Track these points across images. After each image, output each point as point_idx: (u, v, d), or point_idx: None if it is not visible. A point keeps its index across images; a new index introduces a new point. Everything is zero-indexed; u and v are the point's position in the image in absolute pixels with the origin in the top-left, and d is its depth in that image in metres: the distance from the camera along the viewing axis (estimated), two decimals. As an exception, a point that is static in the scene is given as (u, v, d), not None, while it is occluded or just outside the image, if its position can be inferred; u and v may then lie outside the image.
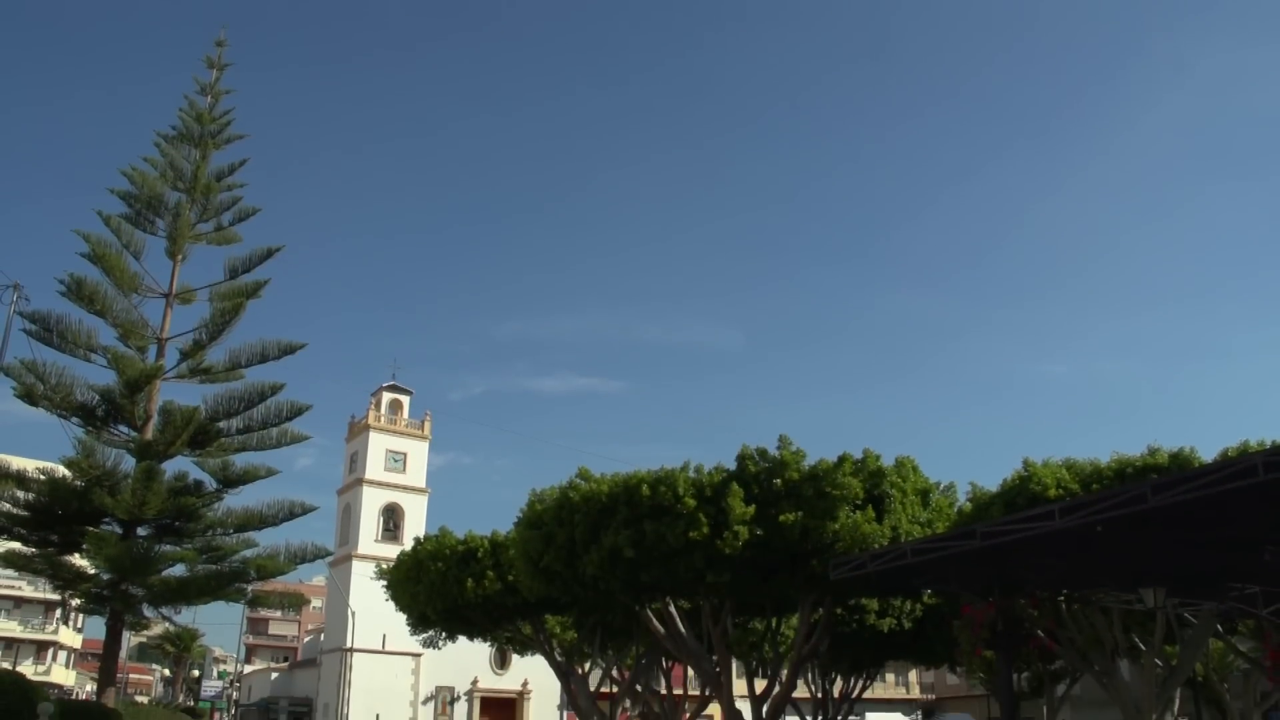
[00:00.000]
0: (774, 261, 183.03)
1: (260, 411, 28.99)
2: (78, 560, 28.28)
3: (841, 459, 18.02)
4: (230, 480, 28.58)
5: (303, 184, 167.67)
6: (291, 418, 29.35)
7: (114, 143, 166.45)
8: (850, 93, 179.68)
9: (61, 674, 68.38)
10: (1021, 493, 17.21)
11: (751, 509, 17.45)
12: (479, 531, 25.42)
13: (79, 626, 71.66)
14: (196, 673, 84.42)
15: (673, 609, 21.46)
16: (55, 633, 67.19)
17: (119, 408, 27.56)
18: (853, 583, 16.84)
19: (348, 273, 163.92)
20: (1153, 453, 17.12)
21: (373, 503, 53.83)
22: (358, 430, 56.34)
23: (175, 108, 31.88)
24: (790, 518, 17.22)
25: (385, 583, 28.83)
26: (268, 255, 30.51)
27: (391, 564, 28.71)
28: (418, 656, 49.04)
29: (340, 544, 53.55)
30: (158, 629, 67.29)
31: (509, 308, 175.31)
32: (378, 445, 55.08)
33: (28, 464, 28.89)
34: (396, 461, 55.55)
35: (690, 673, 29.17)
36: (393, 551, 35.90)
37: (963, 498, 20.09)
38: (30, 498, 26.72)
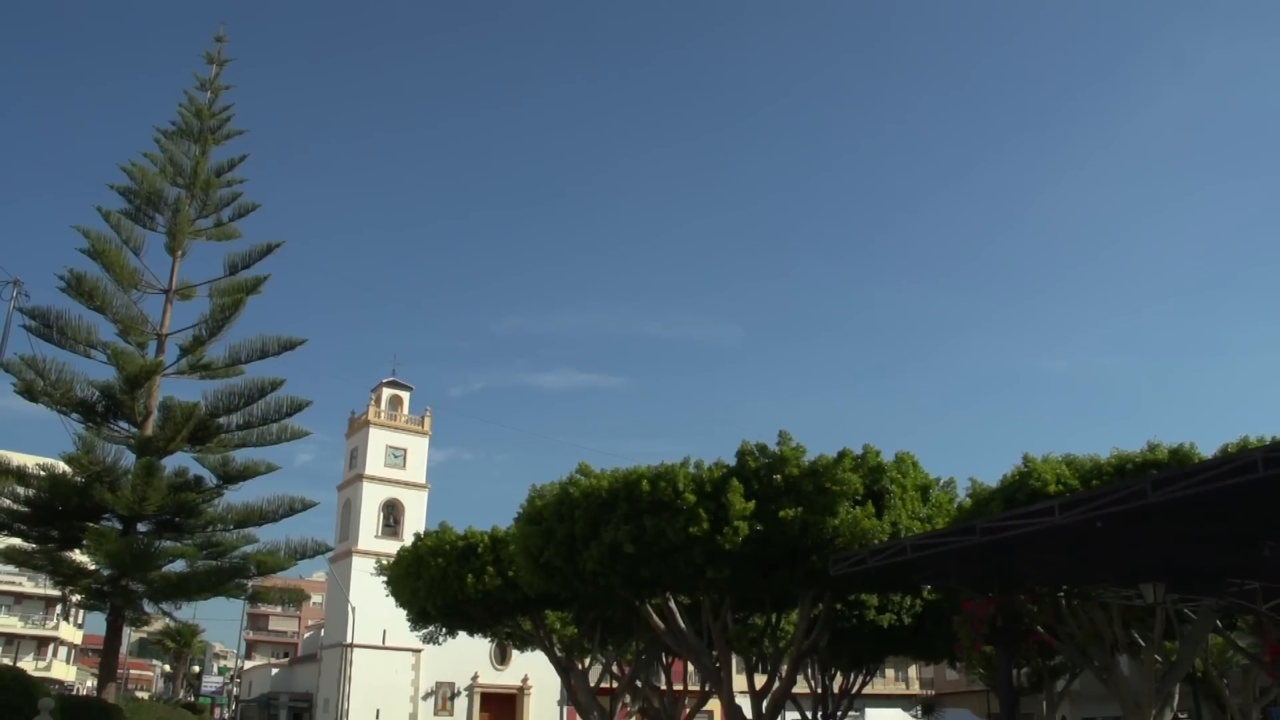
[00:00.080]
0: (774, 256, 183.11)
1: (260, 407, 29.00)
2: (78, 556, 28.29)
3: (841, 454, 18.02)
4: (230, 476, 28.60)
5: (302, 180, 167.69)
6: (291, 413, 29.38)
7: (114, 138, 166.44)
8: (849, 86, 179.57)
9: (62, 670, 68.51)
10: (1021, 488, 17.22)
11: (751, 504, 17.45)
12: (479, 527, 25.47)
13: (79, 622, 71.83)
14: (197, 668, 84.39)
15: (673, 604, 21.48)
16: (56, 628, 67.32)
17: (119, 403, 27.56)
18: (852, 578, 16.83)
19: (348, 268, 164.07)
20: (1152, 449, 17.14)
21: (373, 498, 53.88)
22: (358, 426, 56.37)
23: (175, 103, 31.90)
24: (790, 513, 17.23)
25: (385, 578, 28.86)
26: (267, 251, 30.48)
27: (392, 560, 28.74)
28: (418, 652, 49.13)
29: (340, 540, 53.62)
30: (158, 625, 67.48)
31: (509, 303, 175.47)
32: (378, 441, 55.12)
33: (28, 460, 28.90)
34: (396, 457, 55.58)
35: (690, 668, 29.17)
36: (393, 547, 35.93)
37: (963, 493, 20.09)
38: (30, 493, 26.73)
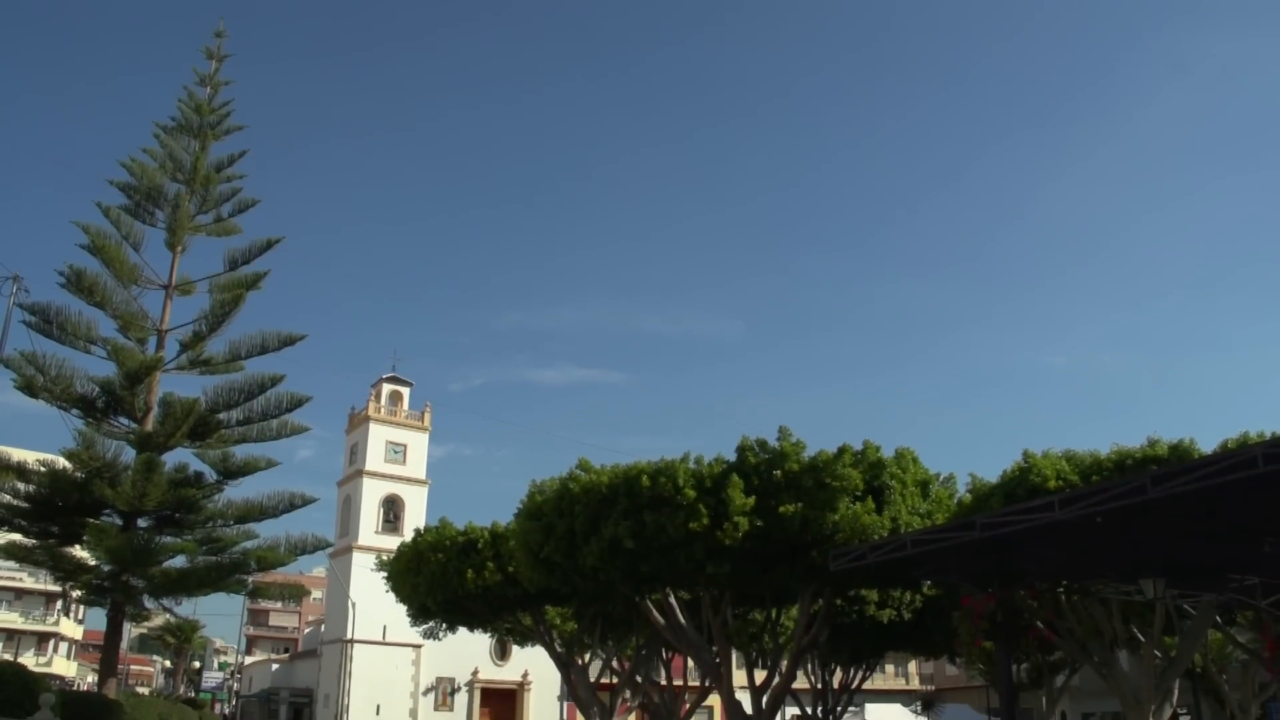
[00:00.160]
0: (774, 252, 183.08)
1: (260, 403, 28.96)
2: (78, 552, 28.29)
3: (841, 450, 18.04)
4: (230, 472, 28.57)
5: (302, 175, 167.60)
6: (291, 409, 29.34)
7: (114, 134, 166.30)
8: (849, 82, 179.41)
9: (63, 665, 68.54)
10: (1021, 484, 17.24)
11: (751, 500, 17.47)
12: (479, 523, 25.50)
13: (80, 618, 71.83)
14: (197, 664, 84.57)
15: (673, 600, 21.51)
16: (56, 624, 67.32)
17: (119, 399, 27.54)
18: (852, 574, 16.85)
19: (348, 264, 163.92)
20: (1152, 444, 17.16)
21: (373, 494, 53.85)
22: (358, 422, 56.35)
23: (175, 99, 31.82)
24: (790, 509, 17.24)
25: (385, 574, 28.88)
26: (267, 247, 30.44)
27: (392, 555, 28.76)
28: (418, 647, 49.14)
29: (340, 535, 53.62)
30: (158, 620, 67.46)
31: (509, 299, 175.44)
32: (378, 437, 55.09)
33: (28, 455, 28.87)
34: (396, 453, 55.56)
35: (690, 664, 29.22)
36: (393, 543, 35.93)
37: (962, 489, 20.12)
38: (31, 489, 26.72)
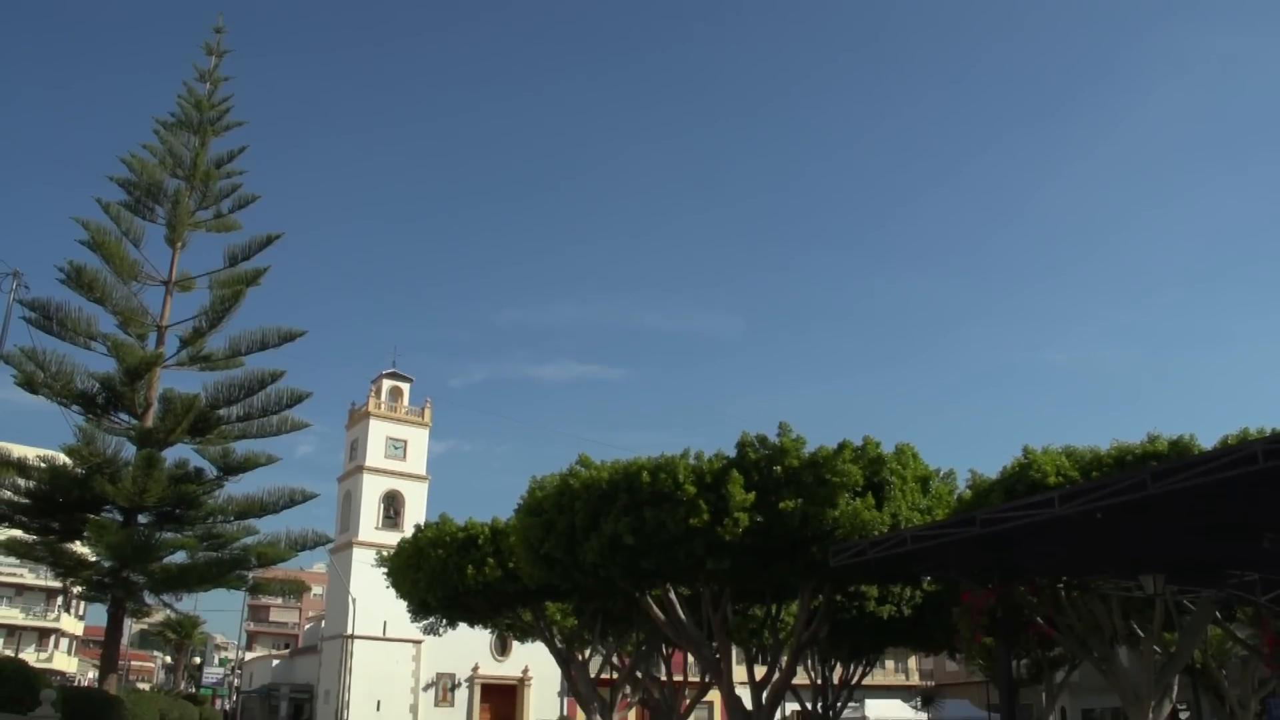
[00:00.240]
0: (774, 248, 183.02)
1: (260, 399, 28.91)
2: (79, 548, 28.28)
3: (841, 446, 18.04)
4: (231, 468, 28.56)
5: (302, 171, 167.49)
6: (292, 405, 29.30)
7: (114, 130, 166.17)
8: (849, 78, 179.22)
9: (64, 661, 68.65)
10: (1021, 480, 17.26)
11: (751, 496, 17.47)
12: (479, 518, 25.54)
13: (81, 614, 71.89)
14: (198, 660, 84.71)
15: (673, 596, 21.51)
16: (57, 620, 67.38)
17: (119, 395, 27.53)
18: (852, 569, 16.85)
19: (348, 260, 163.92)
20: (1152, 440, 17.17)
21: (373, 490, 53.89)
22: (358, 417, 56.37)
23: (174, 95, 31.74)
24: (790, 505, 17.25)
25: (386, 570, 28.91)
26: (267, 242, 30.39)
27: (392, 551, 28.80)
28: (418, 643, 49.19)
29: (341, 531, 53.66)
30: (159, 616, 67.46)
31: (509, 295, 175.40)
32: (378, 432, 55.10)
33: (28, 451, 28.86)
34: (397, 449, 55.58)
35: (690, 659, 29.25)
36: (393, 539, 35.97)
37: (963, 485, 20.15)
38: (31, 485, 26.70)
